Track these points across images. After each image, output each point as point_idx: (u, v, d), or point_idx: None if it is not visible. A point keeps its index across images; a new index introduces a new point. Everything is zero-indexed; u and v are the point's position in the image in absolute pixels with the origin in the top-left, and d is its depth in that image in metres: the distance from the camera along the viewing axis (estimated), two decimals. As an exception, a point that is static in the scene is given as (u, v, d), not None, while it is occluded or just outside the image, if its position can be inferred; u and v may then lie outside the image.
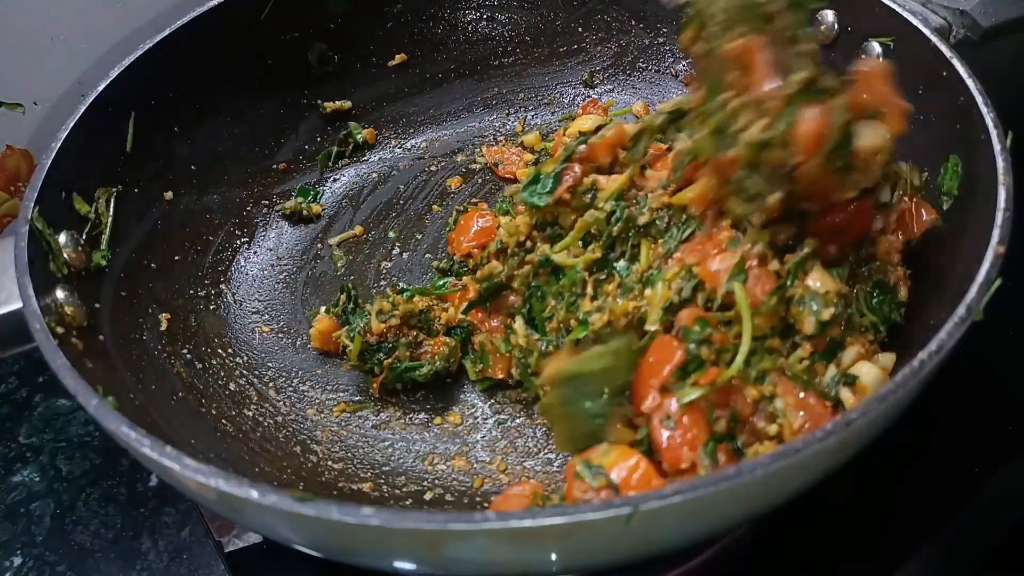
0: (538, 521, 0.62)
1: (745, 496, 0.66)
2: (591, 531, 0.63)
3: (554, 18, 1.41)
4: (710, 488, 0.63)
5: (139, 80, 1.10)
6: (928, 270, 0.91)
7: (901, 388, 0.68)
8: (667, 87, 1.38)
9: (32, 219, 0.90)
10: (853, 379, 0.82)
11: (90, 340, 0.89)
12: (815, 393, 0.81)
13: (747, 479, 0.63)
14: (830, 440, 0.65)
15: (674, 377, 0.81)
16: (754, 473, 0.63)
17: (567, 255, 0.99)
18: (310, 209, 1.27)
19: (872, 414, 0.66)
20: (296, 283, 1.21)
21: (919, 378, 0.69)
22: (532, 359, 1.00)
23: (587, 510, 0.62)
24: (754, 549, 1.01)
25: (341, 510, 0.63)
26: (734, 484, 0.63)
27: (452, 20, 1.41)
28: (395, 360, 1.04)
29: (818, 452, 0.65)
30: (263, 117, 1.29)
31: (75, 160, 1.00)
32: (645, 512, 0.62)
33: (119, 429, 0.72)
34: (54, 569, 1.02)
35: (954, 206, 0.92)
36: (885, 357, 0.87)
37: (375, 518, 0.63)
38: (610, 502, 0.62)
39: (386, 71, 1.39)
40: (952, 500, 1.01)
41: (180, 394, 0.98)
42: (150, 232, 1.11)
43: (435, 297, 1.10)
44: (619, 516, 0.62)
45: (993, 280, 0.75)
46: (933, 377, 0.72)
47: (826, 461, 0.68)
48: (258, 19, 1.26)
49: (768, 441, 0.79)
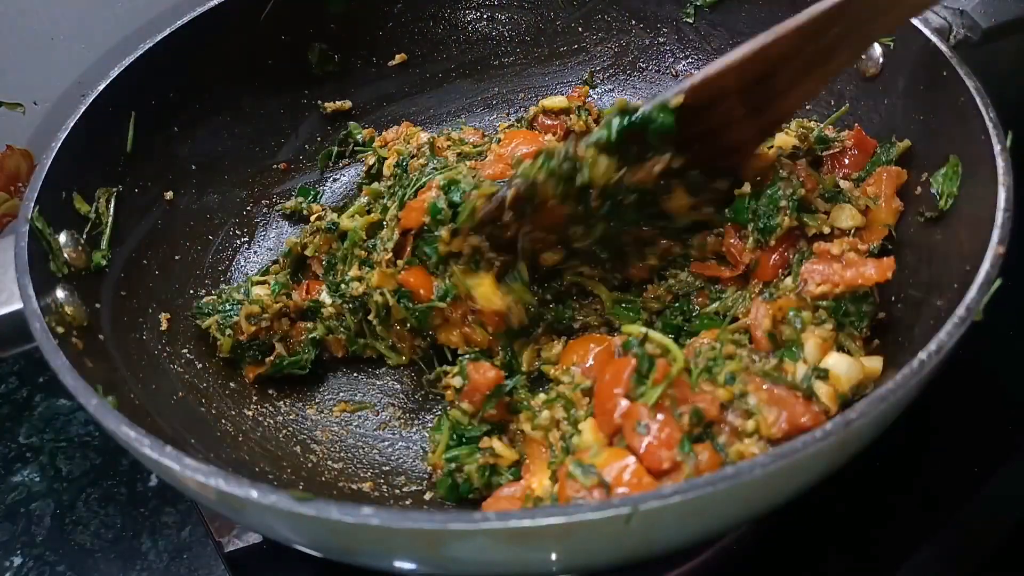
0: (537, 521, 0.62)
1: (744, 496, 0.66)
2: (590, 531, 0.63)
3: (554, 18, 1.40)
4: (709, 488, 0.62)
5: (139, 80, 1.10)
6: (928, 270, 0.91)
7: (901, 388, 0.68)
8: (667, 87, 1.36)
9: (32, 219, 0.90)
10: (825, 372, 0.83)
11: (90, 340, 0.89)
12: (786, 386, 0.82)
13: (746, 479, 0.63)
14: (830, 440, 0.65)
15: (633, 382, 0.83)
16: (753, 473, 0.63)
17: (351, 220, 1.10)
18: (310, 209, 1.27)
19: (872, 414, 0.66)
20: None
21: (919, 378, 0.69)
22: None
23: (587, 510, 0.62)
24: (754, 549, 1.01)
25: (341, 510, 0.63)
26: (733, 484, 0.63)
27: (452, 20, 1.41)
28: (276, 358, 1.06)
29: (817, 452, 0.65)
30: (263, 117, 1.29)
31: (75, 160, 1.00)
32: (645, 512, 0.62)
33: (119, 429, 0.72)
34: (54, 569, 1.02)
35: (954, 206, 0.91)
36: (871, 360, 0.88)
37: (375, 518, 0.63)
38: (609, 502, 0.62)
39: (386, 71, 1.38)
40: (952, 500, 1.01)
41: (180, 394, 0.98)
42: (150, 232, 1.11)
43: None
44: (619, 516, 0.62)
45: (993, 280, 0.75)
46: (933, 377, 0.72)
47: (825, 461, 0.68)
48: (258, 19, 1.26)
49: (748, 439, 0.80)
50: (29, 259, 0.86)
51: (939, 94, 0.96)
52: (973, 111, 0.89)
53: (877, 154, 1.05)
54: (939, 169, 0.95)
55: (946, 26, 1.07)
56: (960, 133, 0.92)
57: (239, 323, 1.03)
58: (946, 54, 0.95)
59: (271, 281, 1.10)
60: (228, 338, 1.04)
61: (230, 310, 1.05)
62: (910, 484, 1.04)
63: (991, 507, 1.01)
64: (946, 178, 0.94)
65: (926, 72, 0.98)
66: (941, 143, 0.95)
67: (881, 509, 1.03)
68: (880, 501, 1.03)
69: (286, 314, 1.07)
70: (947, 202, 0.92)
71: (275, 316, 1.05)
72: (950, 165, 0.93)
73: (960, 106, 0.92)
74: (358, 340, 1.09)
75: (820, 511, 0.97)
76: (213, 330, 1.04)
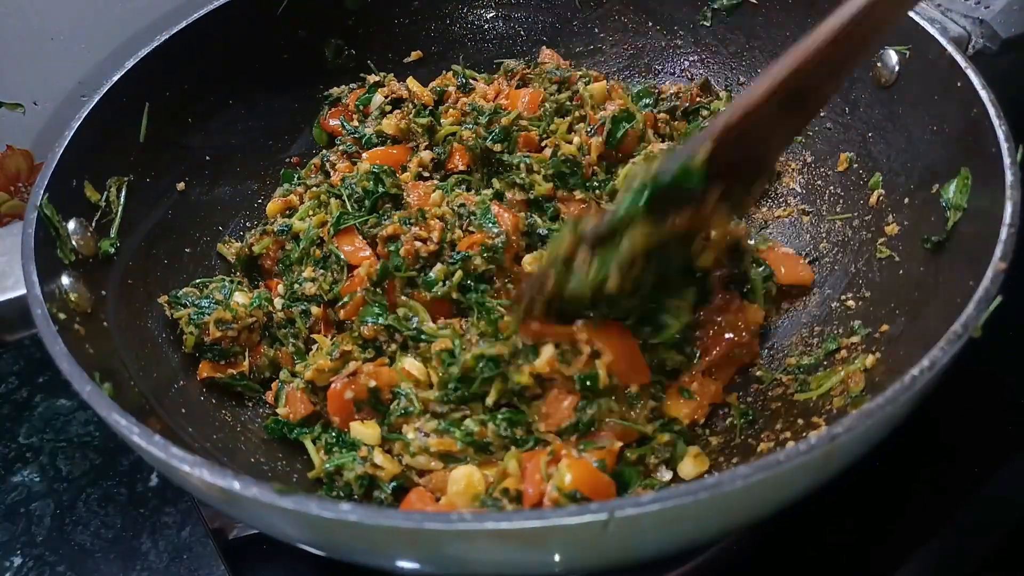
0: (513, 523, 0.61)
1: (725, 507, 0.65)
2: (567, 535, 0.63)
3: (571, 18, 1.40)
4: (688, 498, 0.62)
5: (154, 71, 1.12)
6: (934, 284, 0.90)
7: (890, 404, 0.67)
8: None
9: (41, 205, 0.92)
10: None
11: (93, 327, 0.90)
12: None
13: (726, 490, 0.62)
14: (813, 454, 0.64)
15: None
16: (733, 484, 0.62)
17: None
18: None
19: (858, 429, 0.65)
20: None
21: (910, 394, 0.68)
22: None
23: (563, 515, 0.61)
24: (754, 550, 1.01)
25: (320, 505, 0.64)
26: (713, 494, 0.62)
27: (469, 18, 1.41)
28: (237, 373, 1.03)
29: (800, 466, 0.64)
30: (277, 111, 1.31)
31: (88, 149, 1.01)
32: (622, 519, 0.61)
33: (110, 415, 0.73)
34: (54, 569, 1.02)
35: (962, 219, 0.90)
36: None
37: (352, 514, 0.63)
38: (586, 507, 0.61)
39: (402, 68, 1.39)
40: (952, 500, 1.01)
41: (181, 383, 0.99)
42: (160, 222, 1.12)
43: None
44: (596, 522, 0.61)
45: (993, 297, 0.74)
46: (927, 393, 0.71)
47: (809, 476, 0.67)
48: (275, 13, 1.27)
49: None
50: (35, 246, 0.88)
51: (953, 104, 0.94)
52: (986, 123, 0.88)
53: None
54: (950, 180, 0.93)
55: (964, 36, 1.06)
56: (972, 145, 0.90)
57: (208, 324, 1.01)
58: (962, 64, 0.93)
59: (255, 293, 1.08)
60: (192, 335, 1.01)
61: (205, 308, 1.03)
62: (910, 484, 1.03)
63: (991, 507, 1.00)
64: (956, 190, 0.92)
65: (941, 82, 0.96)
66: (953, 154, 0.93)
67: (881, 509, 1.02)
68: (880, 501, 1.02)
69: (255, 329, 1.05)
70: (955, 215, 0.90)
71: (244, 328, 1.03)
72: (960, 177, 0.91)
73: (973, 117, 0.90)
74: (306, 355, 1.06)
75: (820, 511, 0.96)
76: (183, 323, 1.02)
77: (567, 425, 0.90)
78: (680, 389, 0.96)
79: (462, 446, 0.89)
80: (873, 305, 0.99)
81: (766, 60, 1.26)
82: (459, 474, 0.87)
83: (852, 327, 0.98)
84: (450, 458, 0.90)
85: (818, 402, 0.92)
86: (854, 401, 0.87)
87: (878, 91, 1.08)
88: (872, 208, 1.06)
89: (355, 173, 1.15)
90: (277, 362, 1.05)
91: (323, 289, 1.07)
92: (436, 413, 0.93)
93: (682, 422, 0.95)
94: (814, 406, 0.92)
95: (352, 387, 0.93)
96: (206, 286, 1.08)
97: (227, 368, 1.03)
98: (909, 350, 0.86)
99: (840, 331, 1.00)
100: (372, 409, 0.95)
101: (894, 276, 0.98)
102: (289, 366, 1.05)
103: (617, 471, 0.90)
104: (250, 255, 1.14)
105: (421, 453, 0.90)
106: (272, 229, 1.14)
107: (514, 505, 0.84)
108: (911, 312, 0.91)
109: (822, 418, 0.89)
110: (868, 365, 0.90)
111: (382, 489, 0.91)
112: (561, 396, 0.91)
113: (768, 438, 0.92)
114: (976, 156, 0.89)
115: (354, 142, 1.24)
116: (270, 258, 1.15)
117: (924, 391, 0.70)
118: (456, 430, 0.91)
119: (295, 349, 1.05)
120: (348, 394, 0.93)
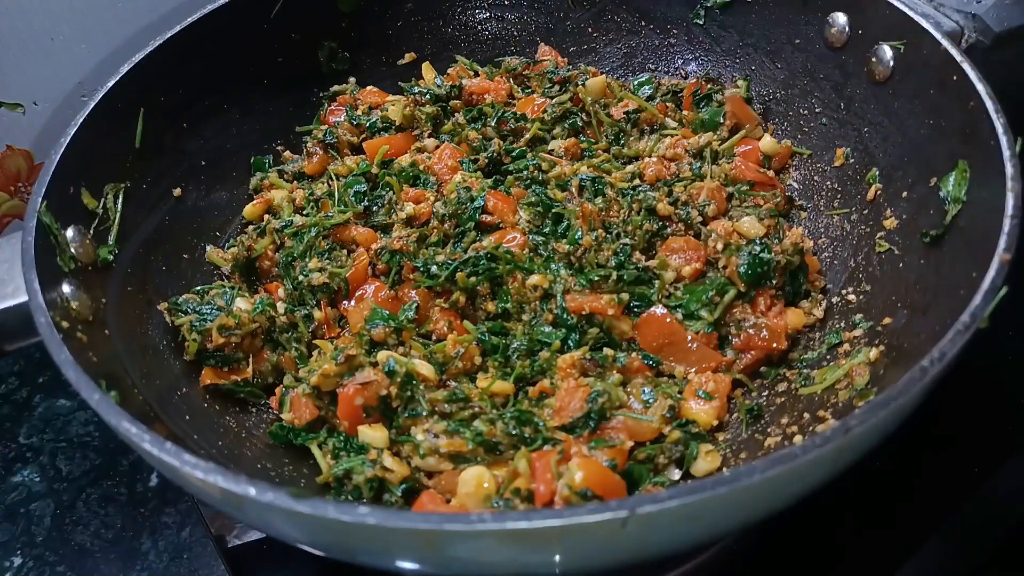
0: (533, 523, 0.61)
1: (742, 501, 0.65)
2: (586, 533, 0.63)
3: (564, 18, 1.40)
4: (707, 493, 0.62)
5: (149, 76, 1.11)
6: (935, 276, 0.90)
7: (903, 395, 0.68)
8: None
9: (40, 213, 0.91)
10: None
11: (95, 335, 0.89)
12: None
13: (744, 484, 0.62)
14: (828, 447, 0.64)
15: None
16: (751, 479, 0.62)
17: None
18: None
19: (871, 421, 0.66)
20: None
21: (921, 385, 0.69)
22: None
23: (583, 512, 0.61)
24: (755, 549, 1.01)
25: (337, 509, 0.63)
26: (731, 489, 0.62)
27: (462, 19, 1.41)
28: (241, 380, 1.02)
29: (816, 458, 0.64)
30: (272, 114, 1.30)
31: (84, 155, 1.00)
32: (641, 516, 0.61)
33: (120, 424, 0.72)
34: (54, 569, 1.02)
35: (961, 212, 0.91)
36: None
37: (371, 517, 0.63)
38: (606, 505, 0.61)
39: (396, 70, 1.39)
40: (952, 500, 1.01)
41: (184, 389, 0.99)
42: (158, 228, 1.11)
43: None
44: (615, 519, 0.61)
45: (999, 288, 0.75)
46: (936, 385, 0.71)
47: (824, 468, 0.68)
48: (269, 17, 1.26)
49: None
50: (36, 253, 0.87)
51: (949, 98, 0.95)
52: (983, 116, 0.88)
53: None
54: (948, 173, 0.94)
55: (958, 30, 1.07)
56: (969, 138, 0.91)
57: (210, 331, 1.00)
58: (957, 58, 0.94)
59: (257, 299, 1.07)
60: (194, 342, 1.00)
61: (207, 314, 1.02)
62: (911, 484, 1.04)
63: (991, 507, 1.01)
64: (955, 183, 0.93)
65: (936, 76, 0.97)
66: (950, 147, 0.94)
67: (881, 509, 1.02)
68: (880, 501, 1.03)
69: (258, 334, 1.04)
70: (954, 208, 0.91)
71: (247, 335, 1.02)
72: (958, 170, 0.92)
73: (970, 110, 0.91)
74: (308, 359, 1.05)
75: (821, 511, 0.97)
76: (184, 330, 1.01)
77: (578, 417, 0.90)
78: (696, 390, 0.97)
79: (472, 446, 0.89)
80: (874, 299, 1.00)
81: (759, 57, 1.26)
82: (469, 475, 0.87)
83: (853, 321, 0.99)
84: (460, 459, 0.90)
85: (823, 396, 0.92)
86: (860, 394, 0.88)
87: (873, 86, 1.09)
88: (870, 203, 1.07)
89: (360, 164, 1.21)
90: (280, 367, 1.05)
91: (331, 277, 1.07)
92: (444, 413, 0.93)
93: (700, 426, 0.94)
94: (819, 400, 0.92)
95: (363, 394, 0.93)
96: (206, 292, 1.07)
97: (230, 374, 1.02)
98: (913, 342, 0.87)
99: (842, 325, 1.01)
100: (380, 414, 0.95)
101: (894, 269, 0.99)
102: (292, 371, 1.04)
103: (626, 469, 0.90)
104: (248, 257, 1.13)
105: (431, 454, 0.90)
106: (273, 227, 1.13)
107: (526, 505, 0.84)
108: (912, 305, 0.91)
109: (828, 411, 0.90)
110: (872, 358, 0.91)
111: (392, 492, 0.90)
112: (573, 388, 0.91)
113: (775, 432, 0.92)
114: (974, 149, 0.90)
115: (353, 129, 1.26)
116: (268, 259, 1.14)
117: (934, 382, 0.70)
118: (466, 430, 0.90)
119: (298, 354, 1.05)
120: (358, 400, 0.93)
